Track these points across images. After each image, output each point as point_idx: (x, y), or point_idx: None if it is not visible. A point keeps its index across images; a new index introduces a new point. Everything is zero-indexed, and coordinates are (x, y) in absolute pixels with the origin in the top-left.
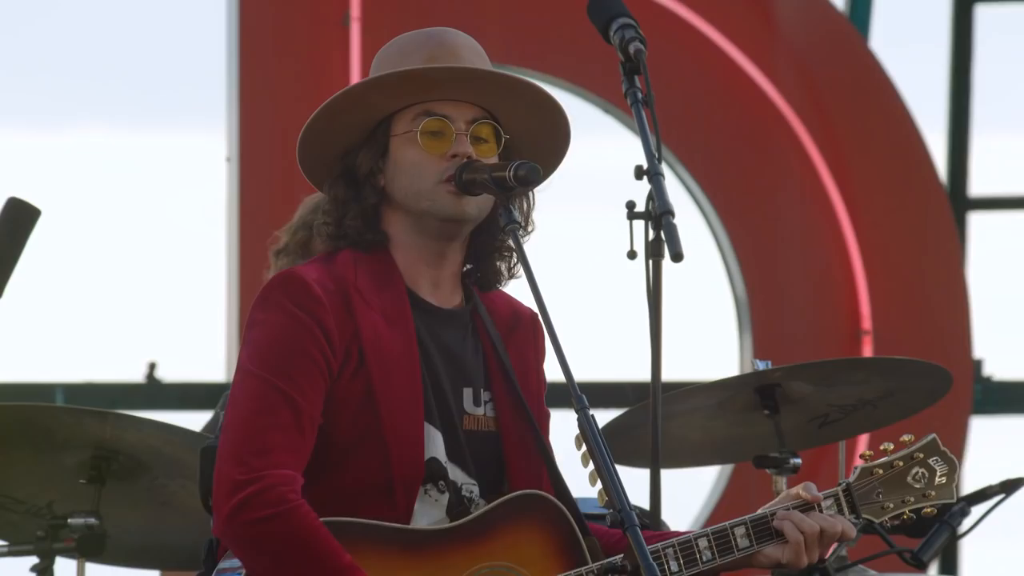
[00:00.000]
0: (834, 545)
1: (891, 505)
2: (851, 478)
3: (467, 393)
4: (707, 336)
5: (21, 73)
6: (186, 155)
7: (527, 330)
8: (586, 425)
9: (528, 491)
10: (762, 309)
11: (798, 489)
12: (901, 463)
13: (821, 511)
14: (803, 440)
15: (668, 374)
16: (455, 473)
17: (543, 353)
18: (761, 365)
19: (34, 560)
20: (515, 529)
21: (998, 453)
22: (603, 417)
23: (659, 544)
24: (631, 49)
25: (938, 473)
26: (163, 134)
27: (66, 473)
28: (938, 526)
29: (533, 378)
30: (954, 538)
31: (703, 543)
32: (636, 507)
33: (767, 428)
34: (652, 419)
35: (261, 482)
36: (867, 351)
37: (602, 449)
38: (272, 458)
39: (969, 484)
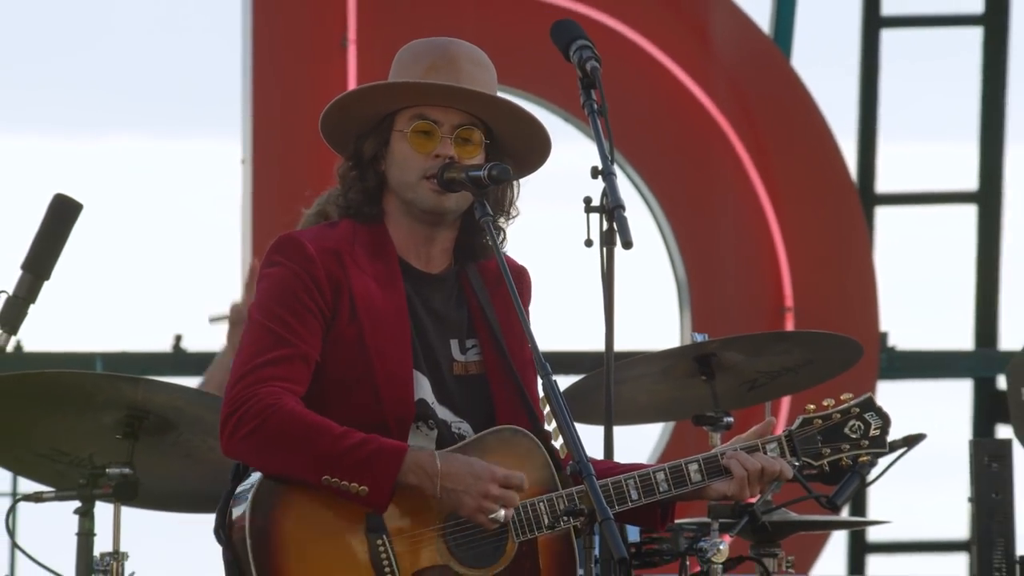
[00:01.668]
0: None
1: (828, 451)
2: (793, 426)
3: (454, 344)
4: (653, 312)
5: (64, 90)
6: (206, 157)
7: (505, 283)
8: (549, 389)
9: (507, 426)
10: (699, 289)
11: (751, 431)
12: (839, 416)
13: (765, 452)
14: (735, 401)
15: (619, 345)
16: (444, 413)
17: (528, 300)
18: (699, 337)
19: (77, 504)
20: (495, 459)
21: (901, 413)
22: (564, 382)
23: (622, 476)
24: (588, 67)
25: (872, 426)
26: (186, 139)
27: (104, 430)
28: (850, 475)
29: (518, 323)
30: (863, 485)
31: (660, 476)
32: (591, 458)
33: (704, 391)
34: (605, 384)
35: (248, 401)
36: (789, 325)
37: (563, 409)
38: (261, 385)
39: None
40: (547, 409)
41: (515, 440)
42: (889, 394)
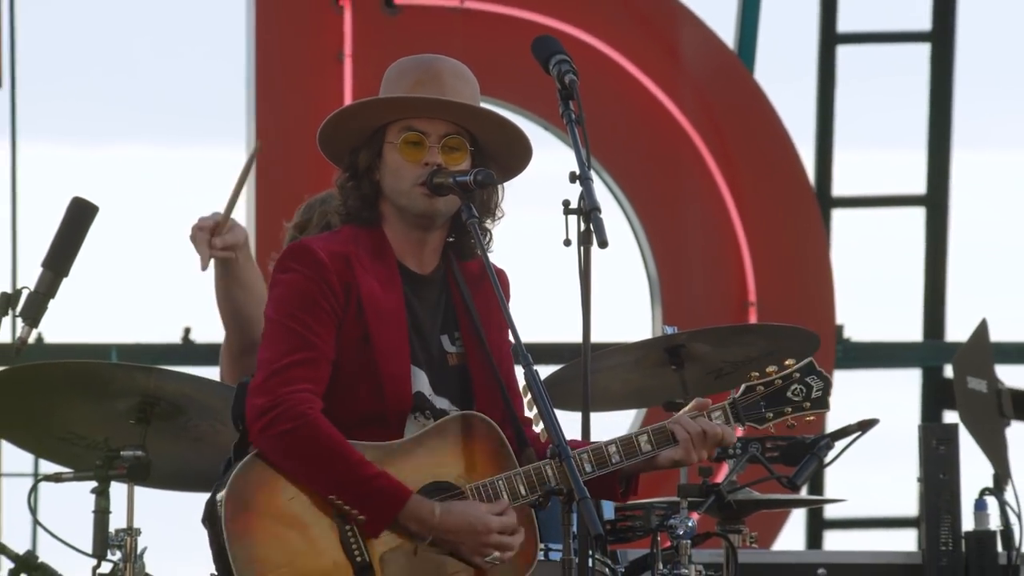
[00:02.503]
0: (723, 469)
1: (771, 415)
2: (736, 394)
3: (444, 338)
4: (626, 306)
5: (80, 103)
6: (212, 162)
7: (489, 282)
8: (531, 378)
9: (468, 412)
10: (669, 285)
11: (696, 401)
12: (781, 381)
13: (709, 419)
14: (702, 389)
15: (595, 337)
16: (442, 403)
17: (508, 298)
18: (669, 330)
19: (93, 484)
20: (455, 442)
21: (856, 399)
22: (544, 371)
23: (576, 451)
24: (566, 79)
25: (814, 389)
26: (193, 146)
27: (119, 415)
28: (808, 456)
29: (498, 319)
30: (821, 466)
31: (612, 449)
32: (570, 440)
33: (674, 380)
34: (583, 373)
35: (283, 403)
36: (752, 319)
37: (543, 396)
38: (293, 386)
39: (833, 423)
40: (529, 396)
41: (474, 424)
42: (844, 383)
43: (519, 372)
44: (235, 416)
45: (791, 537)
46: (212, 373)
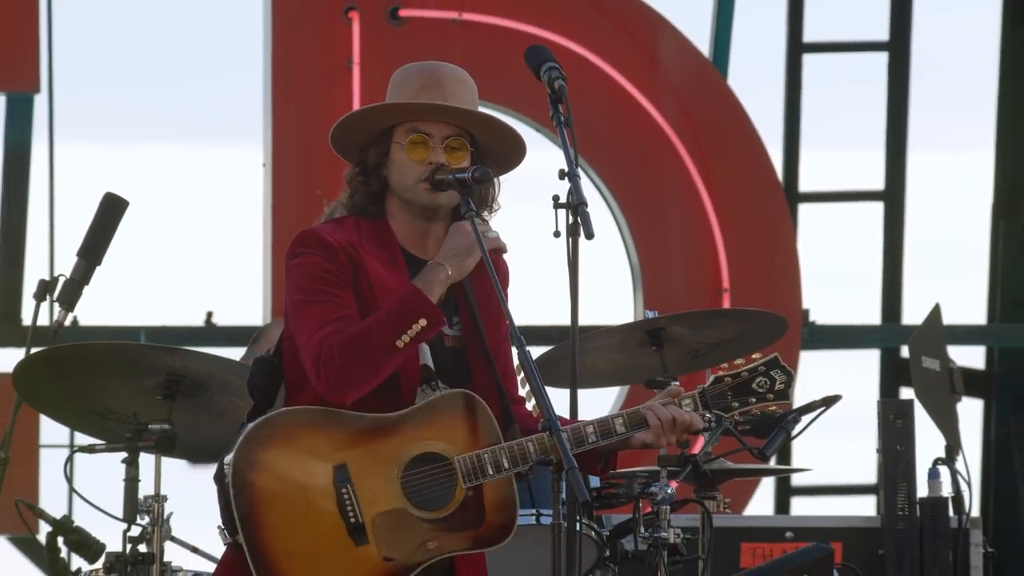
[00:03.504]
0: (700, 441)
1: (736, 404)
2: (706, 384)
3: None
4: (611, 292)
5: (111, 107)
6: (232, 162)
7: (485, 270)
8: (524, 358)
9: (458, 390)
10: (650, 273)
11: (669, 389)
12: (747, 374)
13: (680, 406)
14: (680, 368)
15: (583, 320)
16: (444, 377)
17: (506, 284)
18: (650, 314)
19: (124, 454)
20: (448, 417)
21: (820, 377)
22: (536, 351)
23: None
24: (556, 85)
25: (777, 381)
26: (214, 146)
27: (147, 392)
28: (777, 430)
29: (494, 304)
30: (788, 439)
31: (590, 429)
32: (559, 415)
33: (654, 360)
34: (571, 353)
35: (321, 357)
36: (726, 303)
37: (535, 375)
38: (325, 335)
39: (799, 399)
40: (522, 375)
41: (465, 401)
42: (809, 362)
43: (513, 352)
44: (251, 387)
45: (761, 503)
46: (232, 353)
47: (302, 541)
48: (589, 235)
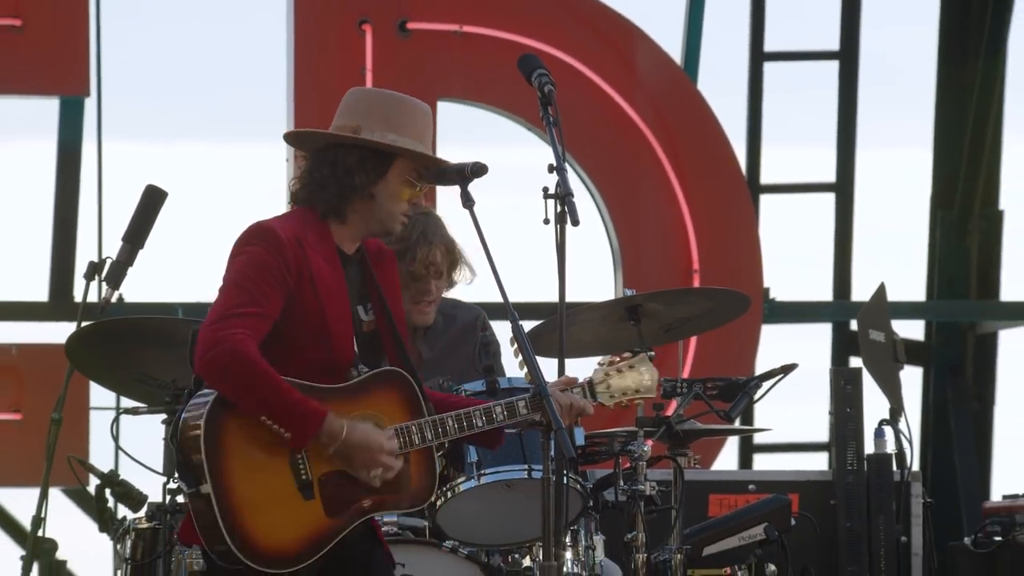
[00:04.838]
0: (673, 404)
1: (617, 394)
2: (591, 376)
3: (360, 309)
4: (594, 273)
5: (153, 109)
6: (258, 158)
7: (388, 260)
8: (516, 331)
9: (388, 368)
10: (629, 255)
11: (563, 378)
12: (624, 368)
13: (572, 393)
14: (656, 340)
15: (569, 297)
16: (365, 358)
17: (394, 271)
18: (629, 292)
19: (163, 416)
20: (380, 391)
21: (778, 348)
22: (528, 325)
23: (471, 408)
24: (545, 89)
25: (646, 378)
26: (242, 143)
27: (183, 361)
28: (741, 394)
29: (395, 290)
30: (751, 402)
31: (499, 409)
32: (549, 382)
33: (633, 333)
34: (559, 326)
35: (224, 341)
36: (696, 283)
37: (527, 346)
38: (233, 329)
39: (761, 367)
40: (515, 346)
41: (395, 378)
42: (769, 334)
43: (507, 327)
44: (190, 356)
45: (727, 459)
46: None
47: (260, 492)
48: (575, 222)
